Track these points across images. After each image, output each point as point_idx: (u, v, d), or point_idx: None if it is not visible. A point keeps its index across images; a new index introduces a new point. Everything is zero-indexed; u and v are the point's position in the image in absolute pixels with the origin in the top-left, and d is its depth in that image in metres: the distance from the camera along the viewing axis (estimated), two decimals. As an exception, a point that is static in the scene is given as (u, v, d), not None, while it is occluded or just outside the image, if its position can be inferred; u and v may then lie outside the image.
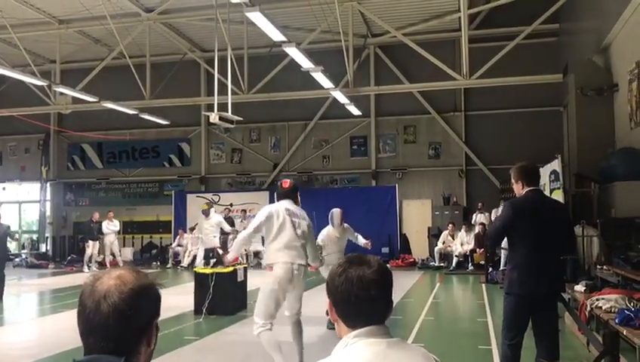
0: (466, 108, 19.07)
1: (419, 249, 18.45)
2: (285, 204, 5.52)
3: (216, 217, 13.70)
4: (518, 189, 4.58)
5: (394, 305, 1.86)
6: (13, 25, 15.46)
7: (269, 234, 5.42)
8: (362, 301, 1.69)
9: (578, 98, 11.72)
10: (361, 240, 8.76)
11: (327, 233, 8.55)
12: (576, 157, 11.76)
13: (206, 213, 13.51)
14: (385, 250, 18.08)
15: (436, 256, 17.00)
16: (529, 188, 4.51)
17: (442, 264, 16.80)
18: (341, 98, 15.64)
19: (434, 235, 17.95)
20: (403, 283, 13.05)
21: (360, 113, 18.22)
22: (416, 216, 18.97)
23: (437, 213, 18.63)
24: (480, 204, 16.87)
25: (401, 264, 17.47)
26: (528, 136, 17.22)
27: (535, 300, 4.36)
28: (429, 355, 1.73)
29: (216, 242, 12.66)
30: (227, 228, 13.66)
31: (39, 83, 15.41)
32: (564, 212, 4.77)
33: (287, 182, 5.82)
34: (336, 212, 8.61)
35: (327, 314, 6.30)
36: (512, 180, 4.62)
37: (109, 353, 1.37)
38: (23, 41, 16.07)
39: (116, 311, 1.38)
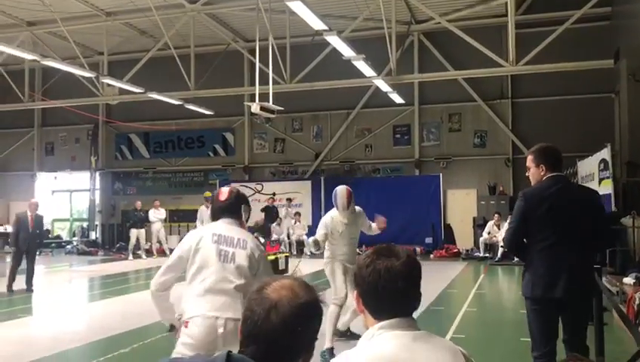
0: (513, 96, 18.61)
1: (463, 239, 18.19)
2: (218, 226, 3.58)
3: None
4: (538, 175, 3.95)
5: (437, 295, 1.89)
6: (63, 18, 15.88)
7: (188, 272, 3.46)
8: (389, 293, 1.68)
9: (630, 84, 11.30)
10: (374, 228, 6.70)
11: (330, 219, 6.38)
12: (627, 146, 11.34)
13: (210, 201, 12.98)
14: (428, 240, 17.91)
15: (481, 246, 16.73)
16: (550, 175, 3.90)
17: (487, 255, 16.51)
18: (384, 86, 15.48)
19: (479, 225, 17.65)
20: (446, 274, 12.91)
21: (403, 101, 18.00)
22: (460, 205, 18.69)
23: (482, 202, 18.30)
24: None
25: (444, 254, 17.27)
26: (577, 123, 16.69)
27: (555, 303, 3.79)
28: (455, 348, 1.73)
29: None
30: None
31: (87, 75, 15.81)
32: (593, 200, 4.00)
33: (224, 193, 3.74)
34: (340, 190, 6.29)
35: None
36: (528, 165, 4.02)
37: None
38: (71, 34, 16.50)
39: (286, 323, 1.37)
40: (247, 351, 1.39)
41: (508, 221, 6.80)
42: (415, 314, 1.77)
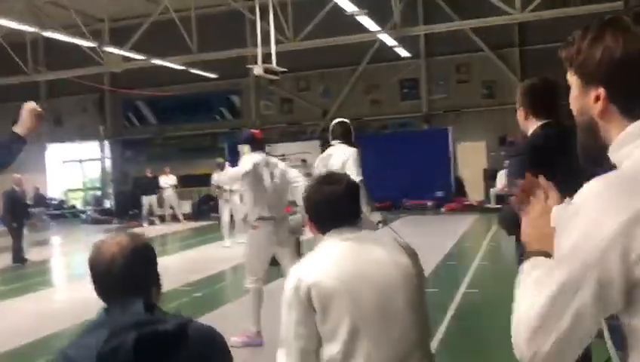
0: (522, 44, 18.23)
1: (475, 192, 18.14)
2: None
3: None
4: (522, 120, 2.97)
5: (448, 249, 2.12)
6: (61, -14, 15.65)
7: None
8: (337, 210, 2.00)
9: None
10: None
11: None
12: None
13: (222, 167, 12.71)
14: (439, 193, 17.87)
15: (492, 198, 16.67)
16: (540, 123, 2.88)
17: (499, 206, 16.44)
18: (389, 41, 15.21)
19: (490, 177, 17.56)
20: (457, 227, 12.92)
21: (409, 55, 17.71)
22: (471, 158, 18.57)
23: (492, 153, 18.17)
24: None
25: (455, 208, 17.24)
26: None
27: None
28: (396, 242, 2.05)
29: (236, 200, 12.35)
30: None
31: (89, 44, 15.65)
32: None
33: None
34: None
35: None
36: (516, 106, 3.02)
37: (130, 303, 1.55)
38: (71, 3, 16.25)
39: (124, 270, 1.61)
40: (107, 300, 1.62)
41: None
42: (428, 269, 1.99)
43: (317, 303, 1.84)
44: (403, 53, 16.88)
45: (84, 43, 15.56)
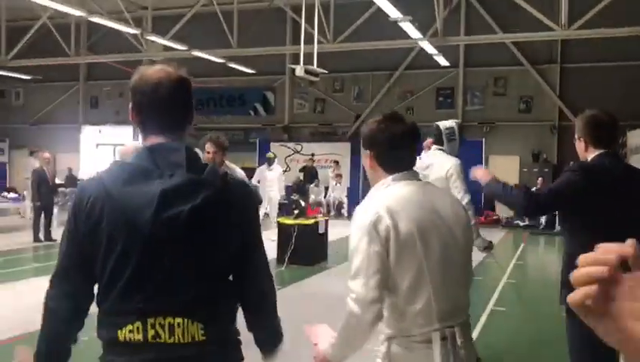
0: (563, 60, 17.97)
1: (504, 206, 17.88)
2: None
3: (278, 169, 12.93)
4: (581, 151, 3.10)
5: (475, 264, 2.13)
6: (108, -28, 15.89)
7: None
8: (403, 151, 2.10)
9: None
10: None
11: None
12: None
13: (270, 162, 12.54)
14: (467, 205, 17.69)
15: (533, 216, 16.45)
16: (600, 151, 2.99)
17: (529, 223, 16.25)
18: (429, 48, 15.13)
19: (520, 193, 17.33)
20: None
21: (448, 64, 17.58)
22: (502, 171, 18.25)
23: (525, 169, 17.95)
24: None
25: (484, 221, 17.03)
26: (631, 92, 16.04)
27: None
28: (453, 196, 2.28)
29: (276, 196, 12.48)
30: (282, 184, 12.79)
31: (132, 31, 15.87)
32: None
33: None
34: None
35: None
36: (576, 136, 3.12)
37: (172, 129, 1.67)
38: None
39: (174, 90, 1.67)
40: (152, 124, 1.68)
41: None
42: None
43: (393, 246, 1.92)
44: (442, 61, 16.75)
45: (128, 30, 15.78)
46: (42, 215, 11.65)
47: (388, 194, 2.01)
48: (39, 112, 24.16)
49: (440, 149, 4.82)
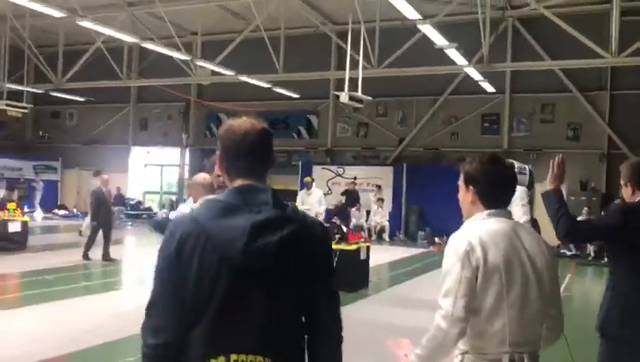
0: (613, 87, 17.59)
1: (551, 235, 17.46)
2: None
3: (318, 193, 13.00)
4: (628, 196, 3.34)
5: None
6: None
7: None
8: (503, 189, 2.35)
9: None
10: None
11: None
12: None
13: (308, 186, 12.70)
14: (512, 233, 17.37)
15: (571, 243, 16.05)
16: None
17: (577, 253, 15.82)
18: (475, 75, 15.05)
19: (567, 222, 16.90)
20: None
21: (494, 90, 17.44)
22: (548, 200, 17.94)
23: (572, 198, 17.49)
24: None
25: (529, 249, 16.70)
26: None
27: None
28: (540, 237, 2.34)
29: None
30: (323, 206, 12.78)
31: (183, 57, 16.35)
32: None
33: None
34: None
35: None
36: (622, 182, 3.40)
37: (256, 174, 1.84)
38: (167, 15, 17.02)
39: (259, 139, 1.88)
40: (239, 169, 1.84)
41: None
42: None
43: (481, 274, 2.17)
44: (488, 87, 16.63)
45: (179, 56, 16.27)
46: (100, 235, 11.80)
47: (482, 228, 2.25)
48: (91, 133, 24.99)
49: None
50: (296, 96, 19.68)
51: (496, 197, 2.33)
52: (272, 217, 1.70)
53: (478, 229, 2.25)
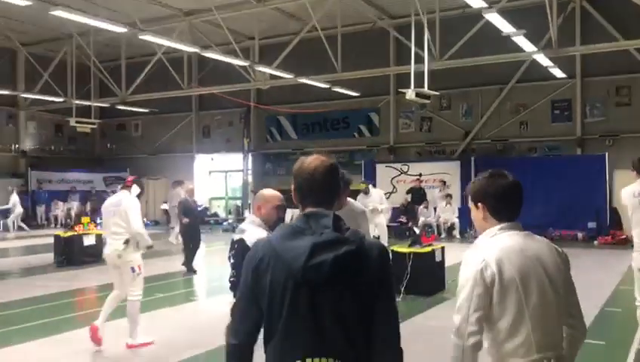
0: (695, 63, 16.39)
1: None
2: None
3: (378, 193, 12.65)
4: None
5: (610, 292, 2.88)
6: (217, 6, 16.52)
7: None
8: (511, 201, 2.38)
9: None
10: None
11: None
12: None
13: (366, 192, 12.27)
14: (592, 225, 16.49)
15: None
16: None
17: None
18: (544, 61, 14.32)
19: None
20: (616, 265, 11.68)
21: (564, 75, 16.59)
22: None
23: (654, 184, 16.42)
24: None
25: (610, 241, 15.78)
26: None
27: None
28: (551, 244, 2.40)
29: (382, 221, 12.08)
30: (384, 205, 12.41)
31: (242, 64, 16.38)
32: None
33: None
34: None
35: None
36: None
37: (323, 203, 2.06)
38: (224, 21, 17.08)
39: (325, 174, 2.08)
40: (309, 199, 2.07)
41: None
42: (589, 317, 2.10)
43: (497, 289, 2.25)
44: (557, 73, 15.81)
45: (239, 62, 16.29)
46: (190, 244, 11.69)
47: (495, 244, 2.32)
48: (156, 143, 25.52)
49: None
50: (355, 94, 19.37)
51: (505, 210, 2.39)
52: (331, 238, 1.94)
53: (490, 246, 2.32)
